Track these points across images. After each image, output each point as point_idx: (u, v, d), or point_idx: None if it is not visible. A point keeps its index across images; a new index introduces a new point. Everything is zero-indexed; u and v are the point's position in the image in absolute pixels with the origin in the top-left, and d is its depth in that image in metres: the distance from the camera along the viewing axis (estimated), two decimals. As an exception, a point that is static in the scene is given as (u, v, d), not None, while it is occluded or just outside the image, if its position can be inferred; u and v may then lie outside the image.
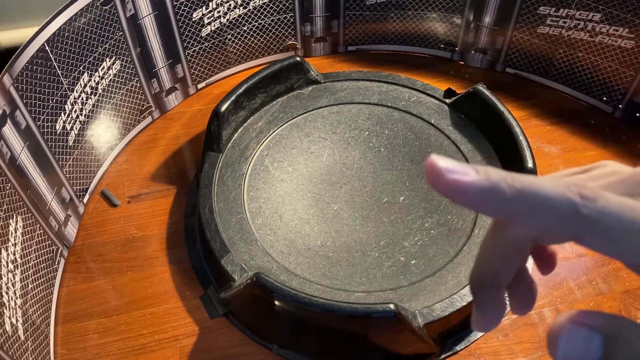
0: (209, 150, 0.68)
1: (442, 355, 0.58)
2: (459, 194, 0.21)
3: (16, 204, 0.55)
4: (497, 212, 0.22)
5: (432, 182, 0.22)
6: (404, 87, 0.75)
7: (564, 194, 0.21)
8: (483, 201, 0.21)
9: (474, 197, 0.21)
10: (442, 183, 0.21)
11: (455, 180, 0.21)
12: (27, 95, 0.57)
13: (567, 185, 0.21)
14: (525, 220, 0.21)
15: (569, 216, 0.20)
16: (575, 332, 0.21)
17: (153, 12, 0.70)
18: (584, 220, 0.20)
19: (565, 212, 0.20)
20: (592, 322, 0.21)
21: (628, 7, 0.71)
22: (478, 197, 0.21)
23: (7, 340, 0.49)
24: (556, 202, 0.21)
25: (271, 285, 0.53)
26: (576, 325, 0.21)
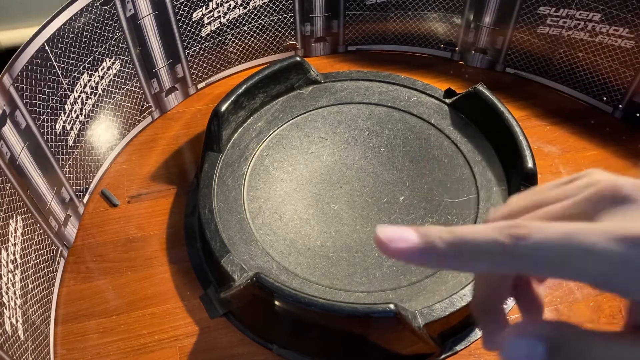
0: (209, 150, 0.68)
1: (442, 355, 0.58)
2: (405, 259, 0.24)
3: (16, 204, 0.55)
4: (440, 266, 0.24)
5: (382, 253, 0.25)
6: (404, 87, 0.75)
7: (493, 238, 0.22)
8: (424, 260, 0.24)
9: (416, 258, 0.24)
10: (389, 252, 0.24)
11: (397, 248, 0.24)
12: (27, 95, 0.57)
13: (498, 228, 0.22)
14: (465, 268, 0.23)
15: (501, 258, 0.22)
16: (517, 344, 0.23)
17: (153, 12, 0.70)
18: (516, 258, 0.22)
19: (496, 254, 0.22)
20: (536, 332, 0.23)
21: (628, 7, 0.71)
22: (419, 258, 0.24)
23: (7, 340, 0.49)
24: (486, 247, 0.22)
25: (271, 285, 0.53)
26: (519, 338, 0.23)
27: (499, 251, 0.22)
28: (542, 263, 0.22)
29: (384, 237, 0.24)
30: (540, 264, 0.22)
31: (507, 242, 0.22)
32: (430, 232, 0.24)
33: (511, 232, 0.22)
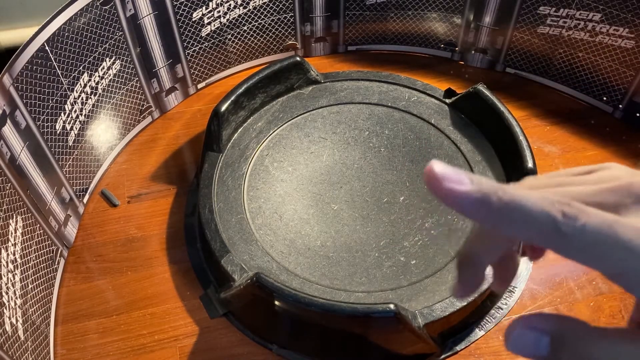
0: (209, 150, 0.68)
1: (442, 356, 0.58)
2: (452, 202, 0.23)
3: (16, 204, 0.55)
4: (484, 221, 0.24)
5: (429, 187, 0.24)
6: (404, 87, 0.75)
7: (547, 210, 0.22)
8: (473, 210, 0.23)
9: (466, 205, 0.23)
10: (438, 189, 0.23)
11: (449, 188, 0.23)
12: (27, 95, 0.57)
13: (551, 202, 0.22)
14: (507, 231, 0.23)
15: (549, 232, 0.22)
16: (524, 334, 0.24)
17: (153, 12, 0.70)
18: (563, 236, 0.22)
19: (546, 228, 0.22)
20: (542, 325, 0.24)
21: (628, 7, 0.71)
22: (469, 206, 0.23)
23: (6, 340, 0.49)
24: (538, 217, 0.22)
25: (271, 285, 0.53)
26: (526, 329, 0.24)
27: (550, 226, 0.22)
28: (581, 248, 0.22)
29: (438, 172, 0.23)
30: (582, 249, 0.22)
31: (559, 218, 0.22)
32: (485, 185, 0.23)
33: (564, 209, 0.22)
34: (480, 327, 0.60)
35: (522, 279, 0.63)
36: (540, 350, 0.23)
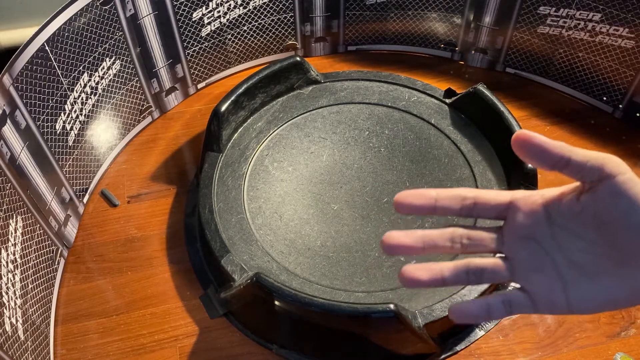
0: (209, 150, 0.68)
1: (442, 355, 0.58)
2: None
3: (16, 204, 0.55)
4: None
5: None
6: (404, 87, 0.75)
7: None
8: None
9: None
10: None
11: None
12: (27, 95, 0.57)
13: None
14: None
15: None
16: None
17: (153, 12, 0.70)
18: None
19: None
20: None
21: (628, 7, 0.71)
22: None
23: (7, 340, 0.49)
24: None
25: (271, 285, 0.53)
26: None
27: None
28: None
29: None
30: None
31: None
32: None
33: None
34: (480, 327, 0.60)
35: (522, 279, 0.63)
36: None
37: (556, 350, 0.58)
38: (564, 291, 0.31)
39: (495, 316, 0.33)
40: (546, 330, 0.60)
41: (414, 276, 0.33)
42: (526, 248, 0.32)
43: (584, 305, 0.31)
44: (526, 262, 0.32)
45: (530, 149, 0.30)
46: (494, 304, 0.32)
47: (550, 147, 0.30)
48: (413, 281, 0.33)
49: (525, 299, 0.32)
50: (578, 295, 0.31)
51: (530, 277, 0.32)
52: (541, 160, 0.30)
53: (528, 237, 0.32)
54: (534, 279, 0.32)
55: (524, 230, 0.32)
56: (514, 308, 0.32)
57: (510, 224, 0.33)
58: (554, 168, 0.30)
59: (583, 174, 0.30)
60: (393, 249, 0.34)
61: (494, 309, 0.32)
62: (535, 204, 0.32)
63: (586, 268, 0.31)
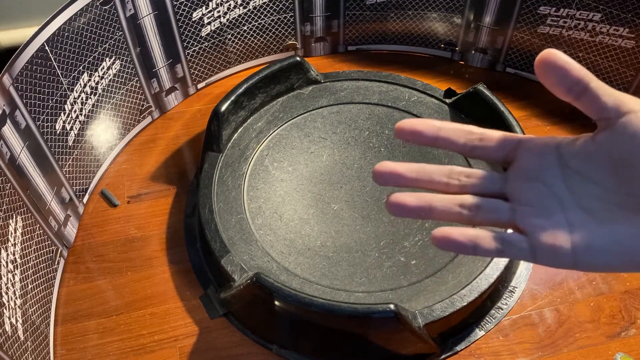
0: (208, 150, 0.68)
1: (442, 356, 0.58)
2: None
3: (16, 204, 0.55)
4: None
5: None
6: (404, 87, 0.75)
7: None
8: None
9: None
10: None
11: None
12: (26, 95, 0.57)
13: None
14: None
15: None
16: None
17: (153, 12, 0.70)
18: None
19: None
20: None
21: (628, 7, 0.71)
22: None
23: (6, 340, 0.49)
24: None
25: (271, 285, 0.53)
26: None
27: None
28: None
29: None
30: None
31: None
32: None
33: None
34: (480, 327, 0.60)
35: (523, 279, 0.63)
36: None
37: (556, 350, 0.58)
38: (570, 238, 0.28)
39: (482, 251, 0.29)
40: (546, 330, 0.60)
41: (400, 201, 0.29)
42: (532, 189, 0.29)
43: (592, 257, 0.27)
44: (531, 204, 0.29)
45: (551, 67, 0.27)
46: (483, 237, 0.28)
47: (570, 67, 0.27)
48: (398, 206, 0.29)
49: (523, 241, 0.28)
50: (586, 244, 0.27)
51: (533, 220, 0.29)
52: (559, 81, 0.27)
53: (536, 179, 0.29)
54: (538, 222, 0.28)
55: (532, 171, 0.30)
56: (507, 249, 0.28)
57: (516, 164, 0.30)
58: (570, 93, 0.28)
59: (599, 108, 0.27)
60: (384, 176, 0.30)
61: (482, 241, 0.28)
62: (546, 144, 0.30)
63: (598, 215, 0.28)
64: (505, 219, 0.29)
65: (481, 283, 0.56)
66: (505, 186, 0.31)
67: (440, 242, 0.29)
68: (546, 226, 0.28)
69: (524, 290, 0.63)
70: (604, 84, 0.28)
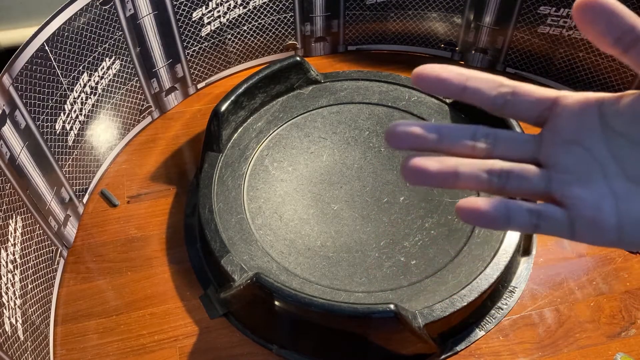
0: (208, 150, 0.68)
1: (442, 356, 0.58)
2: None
3: (15, 204, 0.55)
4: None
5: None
6: (404, 86, 0.75)
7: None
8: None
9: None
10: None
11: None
12: (26, 95, 0.57)
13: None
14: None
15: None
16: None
17: (153, 12, 0.70)
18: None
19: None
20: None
21: (628, 6, 0.71)
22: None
23: (6, 340, 0.49)
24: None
25: (271, 285, 0.53)
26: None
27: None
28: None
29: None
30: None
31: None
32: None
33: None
34: (480, 327, 0.60)
35: (523, 279, 0.63)
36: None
37: (556, 350, 0.58)
38: (616, 210, 0.24)
39: (516, 225, 0.25)
40: (546, 330, 0.60)
41: (420, 165, 0.25)
42: (571, 154, 0.26)
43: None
44: (569, 170, 0.25)
45: (598, 10, 0.24)
46: (516, 209, 0.25)
47: (622, 12, 0.24)
48: (418, 171, 0.25)
49: (561, 214, 0.25)
50: (634, 217, 0.24)
51: (572, 190, 0.25)
52: (607, 28, 0.24)
53: (575, 142, 0.26)
54: (577, 192, 0.25)
55: (570, 133, 0.26)
56: (543, 223, 0.25)
57: (552, 126, 0.26)
58: (618, 43, 0.24)
59: None
60: (399, 137, 0.26)
61: (516, 214, 0.25)
62: (587, 102, 0.26)
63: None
64: (541, 188, 0.26)
65: (481, 283, 0.56)
66: (539, 150, 0.27)
67: (467, 214, 0.25)
68: (587, 197, 0.25)
69: (524, 290, 0.63)
70: None
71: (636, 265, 0.65)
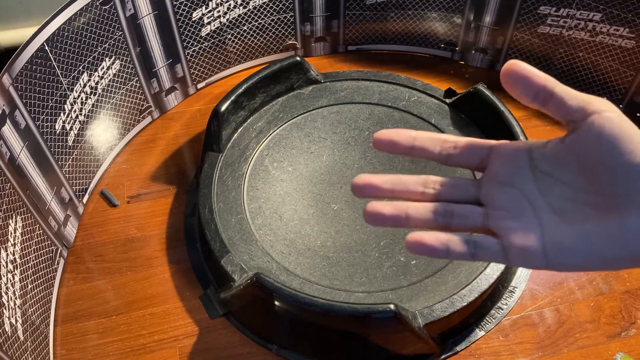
0: (208, 150, 0.68)
1: (442, 356, 0.58)
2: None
3: (15, 204, 0.55)
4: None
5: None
6: (404, 86, 0.75)
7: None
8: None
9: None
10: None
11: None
12: (26, 95, 0.57)
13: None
14: None
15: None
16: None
17: (153, 12, 0.70)
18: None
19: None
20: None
21: (628, 6, 0.71)
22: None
23: (6, 340, 0.49)
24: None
25: (271, 285, 0.53)
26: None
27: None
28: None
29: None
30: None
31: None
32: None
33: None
34: (480, 327, 0.60)
35: (523, 279, 0.63)
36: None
37: (556, 350, 0.58)
38: (541, 238, 0.29)
39: (455, 254, 0.29)
40: (546, 330, 0.60)
41: (376, 210, 0.30)
42: (505, 194, 0.30)
43: (564, 257, 0.28)
44: (503, 207, 0.30)
45: (515, 77, 0.28)
46: (455, 240, 0.29)
47: (533, 75, 0.28)
48: (375, 215, 0.30)
49: (495, 244, 0.29)
50: (557, 244, 0.28)
51: (505, 223, 0.29)
52: (524, 90, 0.29)
53: (508, 184, 0.30)
54: (510, 225, 0.29)
55: (505, 176, 0.31)
56: (479, 251, 0.29)
57: (490, 171, 0.31)
58: (536, 100, 0.29)
59: (566, 111, 0.28)
60: (361, 189, 0.31)
61: (455, 245, 0.29)
62: (518, 149, 0.31)
63: (568, 216, 0.29)
64: (479, 224, 0.30)
65: (481, 283, 0.56)
66: (479, 192, 0.31)
67: (413, 246, 0.29)
68: (518, 228, 0.29)
69: (524, 290, 0.63)
70: (568, 88, 0.29)
71: (636, 265, 0.65)
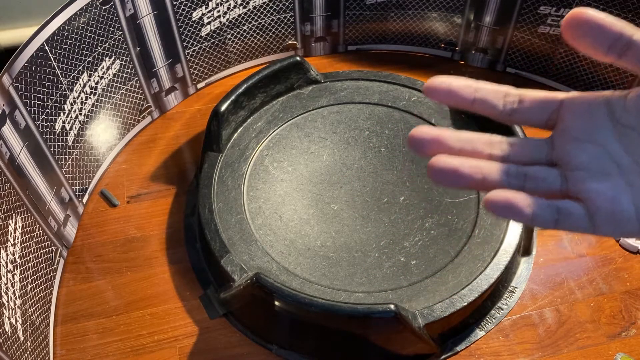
0: (208, 150, 0.68)
1: (442, 356, 0.58)
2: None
3: (15, 204, 0.55)
4: None
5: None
6: (404, 86, 0.75)
7: None
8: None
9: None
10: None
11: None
12: (26, 95, 0.57)
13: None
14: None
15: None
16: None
17: (152, 12, 0.70)
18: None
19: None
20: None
21: (628, 7, 0.71)
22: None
23: (6, 340, 0.49)
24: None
25: (271, 285, 0.53)
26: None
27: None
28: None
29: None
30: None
31: None
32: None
33: None
34: (480, 327, 0.60)
35: (523, 279, 0.63)
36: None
37: (557, 350, 0.58)
38: (633, 200, 0.25)
39: (539, 220, 0.25)
40: (547, 330, 0.60)
41: (451, 166, 0.26)
42: (583, 151, 0.26)
43: None
44: (583, 167, 0.26)
45: (585, 26, 0.25)
46: (538, 204, 0.25)
47: (607, 23, 0.25)
48: (448, 171, 0.26)
49: (579, 208, 0.25)
50: None
51: (589, 186, 0.26)
52: (596, 40, 0.25)
53: (586, 140, 0.26)
54: (594, 187, 0.25)
55: (581, 132, 0.26)
56: (562, 217, 0.25)
57: (562, 127, 0.27)
58: (611, 52, 0.25)
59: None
60: (423, 143, 0.27)
61: (539, 209, 0.25)
62: (594, 101, 0.27)
63: None
64: (557, 187, 0.26)
65: (481, 283, 0.56)
66: (551, 152, 0.28)
67: (498, 207, 0.25)
68: (604, 190, 0.25)
69: (524, 290, 0.63)
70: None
71: (636, 265, 0.65)
